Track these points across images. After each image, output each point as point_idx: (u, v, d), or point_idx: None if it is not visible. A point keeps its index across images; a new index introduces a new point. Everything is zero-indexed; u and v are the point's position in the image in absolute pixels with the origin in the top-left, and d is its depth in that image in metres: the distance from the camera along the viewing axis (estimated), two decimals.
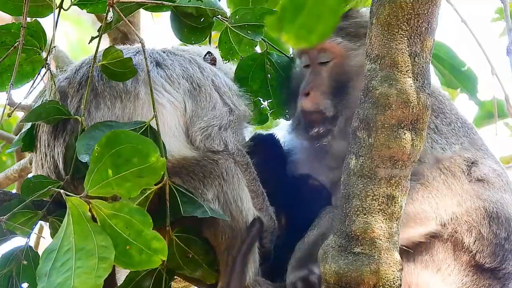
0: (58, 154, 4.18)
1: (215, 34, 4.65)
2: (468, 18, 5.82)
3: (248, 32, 4.40)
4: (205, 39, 4.41)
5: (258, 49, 4.70)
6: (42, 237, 5.02)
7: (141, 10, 4.55)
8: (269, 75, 4.69)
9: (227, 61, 4.53)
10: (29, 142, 4.35)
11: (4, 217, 3.93)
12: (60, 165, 4.18)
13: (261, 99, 4.68)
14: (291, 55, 4.77)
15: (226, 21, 4.42)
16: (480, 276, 4.29)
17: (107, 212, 3.58)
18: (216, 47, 4.52)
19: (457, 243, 4.27)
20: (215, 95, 4.39)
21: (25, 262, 4.08)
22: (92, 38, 4.16)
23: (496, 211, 4.32)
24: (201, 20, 4.31)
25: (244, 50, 4.45)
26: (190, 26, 4.32)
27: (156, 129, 4.02)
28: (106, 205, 3.58)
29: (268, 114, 4.69)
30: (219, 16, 4.37)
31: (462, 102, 5.13)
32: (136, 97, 4.21)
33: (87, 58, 4.40)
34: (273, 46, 4.72)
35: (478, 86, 6.38)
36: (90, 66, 4.24)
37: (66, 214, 3.60)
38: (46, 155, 4.24)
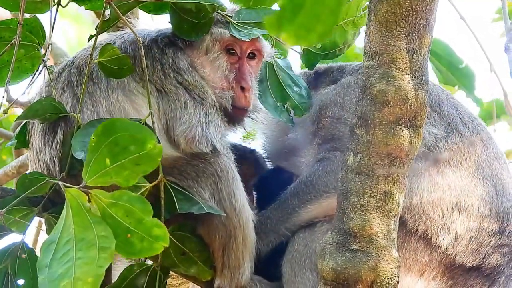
0: (51, 157, 4.19)
1: None
2: (467, 16, 5.84)
3: (254, 29, 4.40)
4: (206, 35, 4.38)
5: None
6: (41, 230, 5.03)
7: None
8: (280, 76, 4.68)
9: (248, 39, 4.44)
10: (23, 139, 4.37)
11: (3, 210, 3.93)
12: (52, 169, 4.18)
13: (283, 104, 4.67)
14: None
15: (230, 17, 4.42)
16: (466, 276, 4.27)
17: (106, 201, 3.58)
18: None
19: (433, 244, 4.25)
20: (182, 92, 4.34)
21: (23, 256, 4.08)
22: (91, 36, 4.16)
23: (457, 201, 4.30)
24: (201, 15, 4.29)
25: (255, 35, 4.42)
26: (190, 22, 4.30)
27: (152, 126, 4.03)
28: (105, 194, 3.59)
29: (291, 114, 4.68)
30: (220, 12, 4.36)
31: (460, 99, 5.12)
32: (116, 100, 4.22)
33: (68, 60, 4.41)
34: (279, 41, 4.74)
35: (475, 83, 6.40)
36: (70, 69, 4.28)
37: (65, 205, 3.60)
38: (39, 161, 4.25)
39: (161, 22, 4.65)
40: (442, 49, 6.36)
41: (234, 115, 4.53)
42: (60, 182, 3.67)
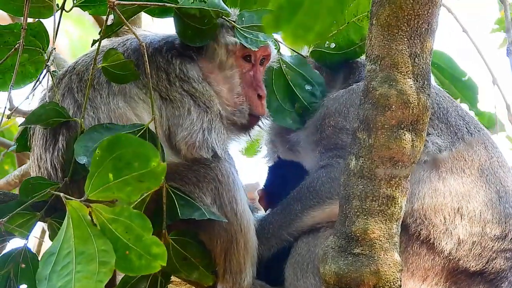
0: (52, 164, 4.19)
1: None
2: (470, 28, 5.85)
3: (258, 33, 4.41)
4: (210, 41, 4.38)
5: None
6: (43, 241, 5.02)
7: (142, 14, 4.52)
8: (289, 76, 4.70)
9: (256, 49, 4.43)
10: (24, 142, 4.38)
11: (3, 219, 3.92)
12: (54, 176, 4.18)
13: (291, 104, 4.69)
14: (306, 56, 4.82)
15: (234, 21, 4.41)
16: (469, 281, 4.27)
17: (107, 217, 3.56)
18: None
19: (436, 248, 4.25)
20: (187, 99, 4.34)
21: (23, 266, 4.07)
22: (94, 42, 4.17)
23: (459, 207, 4.30)
24: (205, 21, 4.28)
25: (265, 39, 4.43)
26: (194, 27, 4.29)
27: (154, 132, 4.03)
28: (106, 209, 3.57)
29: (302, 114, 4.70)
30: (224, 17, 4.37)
31: None
32: (116, 106, 4.23)
33: (69, 66, 4.42)
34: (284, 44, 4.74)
35: (478, 96, 6.39)
36: (71, 75, 4.29)
37: (66, 217, 3.59)
38: (39, 167, 4.26)
39: (163, 25, 4.65)
40: (444, 61, 6.34)
41: (249, 124, 4.55)
42: (62, 194, 3.65)
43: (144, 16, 5.73)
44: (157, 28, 4.70)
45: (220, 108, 4.41)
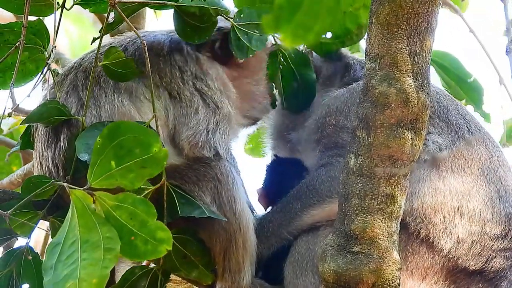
0: (53, 162, 4.20)
1: None
2: (475, 28, 5.83)
3: (255, 30, 4.41)
4: (208, 38, 4.37)
5: None
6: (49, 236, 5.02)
7: (146, 12, 4.52)
8: (280, 66, 4.71)
9: (242, 59, 4.47)
10: (27, 139, 4.39)
11: (8, 212, 3.92)
12: (55, 173, 4.19)
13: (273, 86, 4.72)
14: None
15: (231, 19, 4.42)
16: (469, 281, 4.26)
17: (111, 204, 3.59)
18: None
19: (435, 247, 4.24)
20: (196, 98, 4.36)
21: (29, 257, 4.08)
22: (94, 39, 4.18)
23: (459, 206, 4.30)
24: (204, 19, 4.29)
25: (257, 46, 4.43)
26: (193, 25, 4.29)
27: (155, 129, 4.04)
28: (109, 196, 3.60)
29: (276, 102, 4.74)
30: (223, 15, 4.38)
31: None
32: (121, 104, 4.23)
33: (75, 62, 4.43)
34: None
35: (483, 97, 6.37)
36: (77, 72, 4.30)
37: (70, 207, 3.61)
38: (41, 164, 4.27)
39: (166, 24, 4.65)
40: (450, 62, 6.32)
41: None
42: (65, 184, 3.67)
43: (147, 14, 5.75)
44: (160, 26, 4.70)
45: (231, 110, 4.43)
